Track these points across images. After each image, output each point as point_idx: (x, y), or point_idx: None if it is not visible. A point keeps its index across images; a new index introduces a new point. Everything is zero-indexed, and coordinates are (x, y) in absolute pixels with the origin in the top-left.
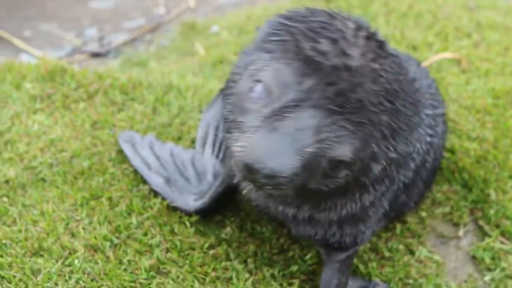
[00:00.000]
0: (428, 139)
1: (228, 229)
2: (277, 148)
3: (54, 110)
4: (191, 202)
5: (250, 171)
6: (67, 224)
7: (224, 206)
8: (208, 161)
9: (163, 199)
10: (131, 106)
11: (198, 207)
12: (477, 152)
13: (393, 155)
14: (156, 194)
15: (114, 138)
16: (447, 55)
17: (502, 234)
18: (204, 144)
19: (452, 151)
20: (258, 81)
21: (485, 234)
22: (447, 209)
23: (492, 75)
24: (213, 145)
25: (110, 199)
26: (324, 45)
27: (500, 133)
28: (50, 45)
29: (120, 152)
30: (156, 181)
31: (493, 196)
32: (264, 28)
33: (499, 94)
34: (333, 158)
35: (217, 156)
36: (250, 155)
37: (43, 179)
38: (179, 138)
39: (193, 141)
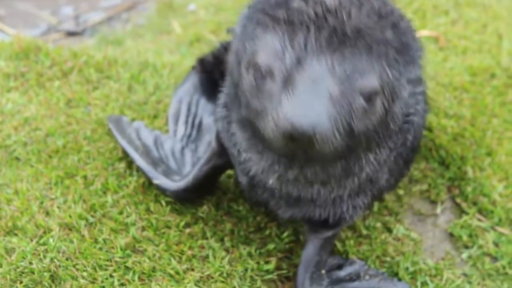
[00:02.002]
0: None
1: (204, 207)
2: (305, 107)
3: (28, 88)
4: (175, 182)
5: (294, 140)
6: (42, 202)
7: (208, 190)
8: (187, 153)
9: (139, 177)
10: (107, 84)
11: (181, 186)
12: (454, 130)
13: (410, 75)
14: (131, 172)
15: (89, 117)
16: (425, 32)
17: (479, 211)
18: (177, 121)
19: (429, 129)
20: (256, 65)
21: (462, 212)
22: (425, 187)
23: (470, 53)
24: (186, 122)
25: (85, 177)
26: (296, 3)
27: (477, 110)
28: (25, 24)
29: (95, 130)
30: (142, 161)
31: (470, 173)
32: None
33: (476, 71)
34: (363, 89)
35: (190, 134)
36: (285, 127)
37: (17, 158)
38: (155, 116)
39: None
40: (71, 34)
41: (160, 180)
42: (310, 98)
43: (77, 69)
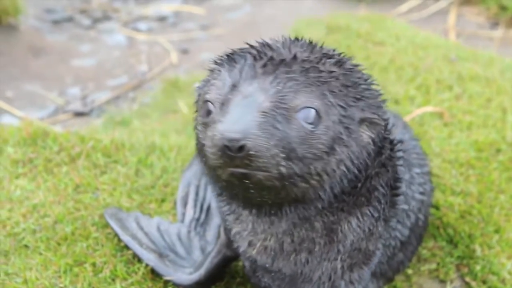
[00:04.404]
0: (420, 197)
1: None
2: (236, 119)
3: (37, 174)
4: (187, 275)
5: (224, 151)
6: None
7: (219, 278)
8: (194, 237)
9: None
10: (114, 169)
11: (194, 279)
12: (461, 207)
13: (363, 114)
14: (140, 258)
15: (97, 202)
16: (429, 109)
17: None
18: (185, 204)
19: (436, 207)
20: (203, 105)
21: None
22: (433, 266)
23: (475, 128)
24: (195, 206)
25: (94, 264)
26: (247, 49)
27: (484, 186)
28: (33, 105)
29: (103, 216)
30: (149, 256)
31: (478, 251)
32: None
33: (482, 146)
34: (298, 107)
35: (198, 218)
36: (219, 141)
37: (26, 246)
38: (163, 200)
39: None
40: (78, 114)
41: (171, 276)
42: (241, 112)
43: (85, 154)
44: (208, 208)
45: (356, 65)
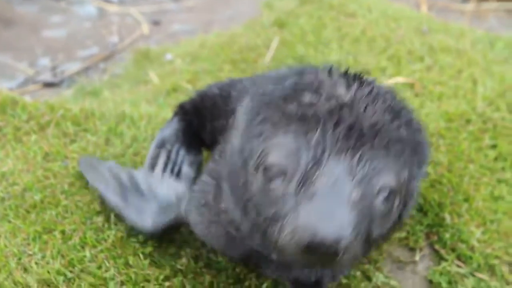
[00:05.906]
0: None
1: (183, 260)
2: (327, 215)
3: (6, 143)
4: (147, 224)
5: (311, 249)
6: (20, 259)
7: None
8: (170, 184)
9: (118, 230)
10: (84, 137)
11: (150, 231)
12: (431, 176)
13: (421, 174)
14: (109, 226)
15: (66, 170)
16: (400, 79)
17: (458, 257)
18: (153, 165)
19: None
20: (267, 166)
21: (441, 258)
22: (403, 234)
23: (445, 99)
24: (164, 169)
25: (63, 232)
26: (308, 97)
27: (454, 156)
28: (3, 76)
29: (73, 184)
30: (114, 198)
31: (448, 219)
32: (242, 116)
33: (452, 117)
34: (381, 190)
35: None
36: (304, 236)
37: None
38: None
39: None
40: (48, 85)
41: (132, 220)
42: (331, 205)
43: (54, 123)
44: (179, 173)
45: (413, 115)
